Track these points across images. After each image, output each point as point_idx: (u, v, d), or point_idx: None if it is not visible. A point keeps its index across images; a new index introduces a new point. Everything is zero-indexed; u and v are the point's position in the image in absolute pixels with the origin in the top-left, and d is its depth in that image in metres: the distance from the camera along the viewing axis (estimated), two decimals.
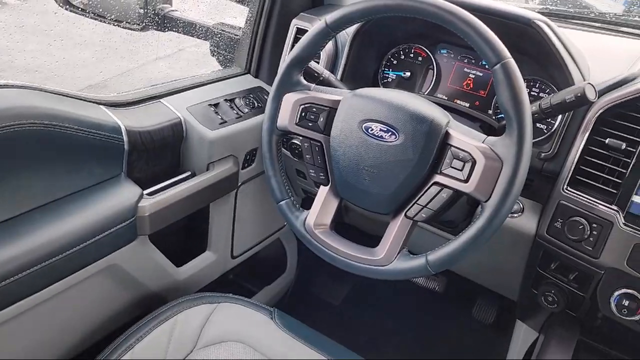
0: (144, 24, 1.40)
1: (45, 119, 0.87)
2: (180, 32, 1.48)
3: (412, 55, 1.25)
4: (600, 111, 0.96)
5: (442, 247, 0.84)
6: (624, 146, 0.94)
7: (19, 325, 0.89)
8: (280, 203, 1.00)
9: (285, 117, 0.97)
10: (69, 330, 1.02)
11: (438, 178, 0.84)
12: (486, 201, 0.80)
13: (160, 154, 1.14)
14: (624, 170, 0.94)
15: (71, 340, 1.03)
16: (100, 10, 1.36)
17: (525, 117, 0.78)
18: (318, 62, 1.23)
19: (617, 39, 1.22)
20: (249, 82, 1.36)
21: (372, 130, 0.87)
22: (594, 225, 0.96)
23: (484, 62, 1.15)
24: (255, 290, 1.61)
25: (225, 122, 1.20)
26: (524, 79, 0.79)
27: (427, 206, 0.85)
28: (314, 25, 0.98)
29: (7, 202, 0.86)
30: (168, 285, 1.21)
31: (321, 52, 1.21)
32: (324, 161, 0.95)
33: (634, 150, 0.93)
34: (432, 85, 1.22)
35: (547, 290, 1.08)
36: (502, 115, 0.87)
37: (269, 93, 1.03)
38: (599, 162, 0.97)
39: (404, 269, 0.86)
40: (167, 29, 1.47)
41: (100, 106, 1.03)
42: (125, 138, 1.02)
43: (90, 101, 1.02)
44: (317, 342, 1.02)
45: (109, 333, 1.11)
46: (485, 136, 0.82)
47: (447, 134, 0.83)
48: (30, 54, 2.04)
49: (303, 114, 0.95)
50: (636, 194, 0.94)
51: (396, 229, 0.88)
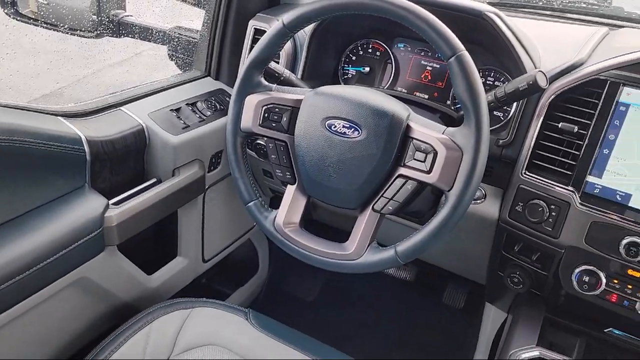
0: (98, 31, 1.38)
1: (3, 134, 0.85)
2: (136, 38, 1.46)
3: (370, 50, 1.27)
4: (552, 97, 1.00)
5: (409, 237, 0.86)
6: (576, 129, 0.98)
7: None
8: (249, 204, 1.00)
9: (249, 119, 0.97)
10: (41, 346, 1.00)
11: (402, 170, 0.86)
12: (449, 190, 0.82)
13: (124, 162, 1.12)
14: (578, 152, 0.98)
15: (45, 355, 1.01)
16: (53, 19, 1.33)
17: (482, 107, 0.80)
18: (278, 62, 1.23)
19: (566, 25, 1.27)
20: (209, 84, 1.35)
21: (335, 127, 0.88)
22: (552, 206, 1.00)
23: (440, 55, 1.18)
24: (229, 293, 1.61)
25: (188, 126, 1.20)
26: (479, 69, 0.82)
27: (393, 199, 0.87)
28: (271, 26, 0.99)
29: None
30: (140, 294, 1.19)
31: (281, 52, 1.21)
32: (290, 160, 0.96)
33: (585, 132, 0.97)
34: (391, 79, 1.24)
35: (512, 272, 1.12)
36: (460, 106, 0.90)
37: (230, 95, 1.03)
38: (553, 145, 1.01)
39: (374, 262, 0.88)
40: (122, 35, 1.45)
41: (59, 117, 1.01)
42: (86, 148, 1.01)
43: (48, 113, 1.00)
44: (293, 340, 1.03)
45: (83, 346, 1.09)
46: (445, 127, 0.85)
47: (408, 127, 0.85)
48: None
49: (266, 115, 0.96)
50: (590, 174, 0.98)
51: (364, 223, 0.90)
